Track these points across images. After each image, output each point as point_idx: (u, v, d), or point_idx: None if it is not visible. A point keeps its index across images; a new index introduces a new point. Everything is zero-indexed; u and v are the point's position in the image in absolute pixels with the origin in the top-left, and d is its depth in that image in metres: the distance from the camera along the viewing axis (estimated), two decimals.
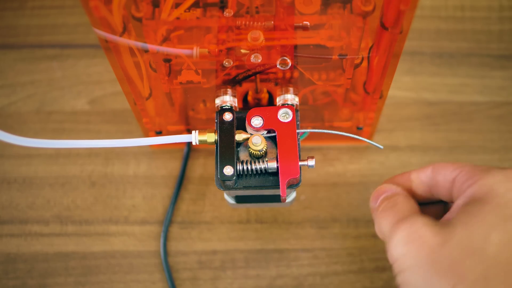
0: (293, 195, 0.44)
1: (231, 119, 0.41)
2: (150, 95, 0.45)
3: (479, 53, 0.57)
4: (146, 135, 0.51)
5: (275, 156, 0.40)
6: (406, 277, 0.33)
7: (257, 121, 0.40)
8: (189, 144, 0.53)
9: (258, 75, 0.43)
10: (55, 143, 0.41)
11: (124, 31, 0.38)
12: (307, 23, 0.40)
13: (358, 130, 0.51)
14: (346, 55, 0.41)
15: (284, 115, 0.40)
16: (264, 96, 0.46)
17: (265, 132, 0.41)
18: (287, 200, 0.43)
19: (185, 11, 0.39)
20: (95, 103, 0.56)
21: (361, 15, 0.38)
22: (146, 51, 0.41)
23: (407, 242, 0.34)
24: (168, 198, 0.52)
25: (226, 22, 0.40)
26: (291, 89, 0.44)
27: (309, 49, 0.42)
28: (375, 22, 0.39)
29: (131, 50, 0.40)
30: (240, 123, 0.41)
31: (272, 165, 0.40)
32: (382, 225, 0.36)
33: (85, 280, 0.49)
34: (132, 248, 0.50)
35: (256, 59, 0.42)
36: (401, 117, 0.55)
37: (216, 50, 0.41)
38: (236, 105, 0.43)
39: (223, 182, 0.40)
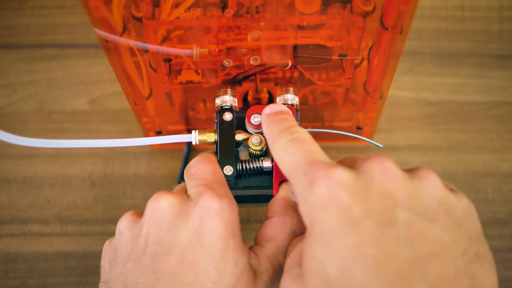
0: None
1: (231, 119, 0.41)
2: (150, 95, 0.45)
3: (479, 53, 0.57)
4: (146, 135, 0.51)
5: None
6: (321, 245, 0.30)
7: (257, 119, 0.40)
8: (189, 144, 0.53)
9: (258, 75, 0.43)
10: (55, 143, 0.41)
11: (124, 31, 0.38)
12: (304, 23, 0.40)
13: (358, 130, 0.51)
14: (346, 55, 0.41)
15: None
16: (264, 96, 0.46)
17: None
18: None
19: (185, 11, 0.39)
20: (95, 103, 0.56)
21: (361, 15, 0.38)
22: (146, 51, 0.41)
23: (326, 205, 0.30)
24: None
25: (226, 22, 0.40)
26: (291, 89, 0.44)
27: (309, 49, 0.42)
28: (375, 22, 0.39)
29: (131, 50, 0.40)
30: (240, 123, 0.41)
31: (267, 164, 0.40)
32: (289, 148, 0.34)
33: (85, 280, 0.49)
34: None
35: (256, 61, 0.42)
36: (401, 117, 0.55)
37: (216, 50, 0.41)
38: (236, 105, 0.43)
39: None
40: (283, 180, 0.39)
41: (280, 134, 0.35)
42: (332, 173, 0.31)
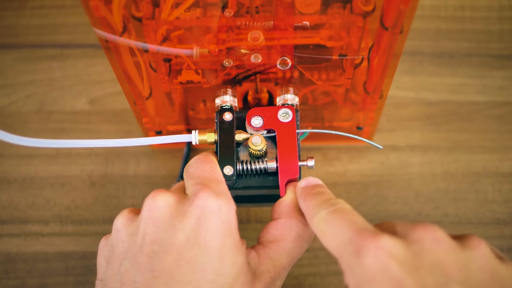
0: None
1: (231, 119, 0.41)
2: (150, 95, 0.45)
3: (479, 53, 0.57)
4: (146, 135, 0.51)
5: (275, 156, 0.40)
6: None
7: (257, 121, 0.40)
8: (189, 144, 0.53)
9: (258, 75, 0.43)
10: (55, 143, 0.41)
11: (124, 31, 0.38)
12: (307, 23, 0.40)
13: (358, 130, 0.51)
14: (346, 55, 0.41)
15: (284, 115, 0.40)
16: (264, 96, 0.46)
17: (265, 132, 0.41)
18: None
19: (185, 11, 0.39)
20: (95, 103, 0.56)
21: (361, 15, 0.38)
22: (146, 51, 0.41)
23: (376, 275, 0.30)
24: None
25: (226, 22, 0.40)
26: (291, 89, 0.44)
27: (309, 49, 0.42)
28: (375, 22, 0.39)
29: (131, 50, 0.40)
30: (240, 123, 0.41)
31: (272, 165, 0.40)
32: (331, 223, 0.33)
33: (85, 280, 0.49)
34: None
35: (256, 59, 0.42)
36: (401, 117, 0.55)
37: (216, 50, 0.41)
38: (236, 105, 0.43)
39: None
40: (289, 180, 0.39)
41: (320, 207, 0.34)
42: (380, 241, 0.30)
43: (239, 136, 0.41)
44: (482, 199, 0.52)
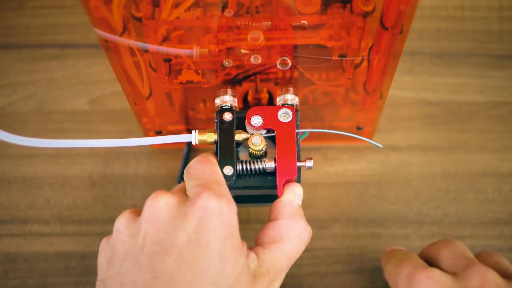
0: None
1: (231, 119, 0.41)
2: (150, 95, 0.45)
3: (479, 53, 0.57)
4: (146, 135, 0.51)
5: (274, 156, 0.40)
6: None
7: (256, 120, 0.40)
8: (189, 144, 0.53)
9: (258, 75, 0.43)
10: (55, 143, 0.41)
11: (124, 31, 0.38)
12: (305, 22, 0.40)
13: (358, 130, 0.51)
14: (346, 55, 0.41)
15: (284, 115, 0.40)
16: (264, 96, 0.46)
17: (264, 131, 0.41)
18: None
19: (185, 11, 0.39)
20: (95, 103, 0.56)
21: (361, 15, 0.38)
22: (146, 51, 0.41)
23: None
24: None
25: (226, 22, 0.40)
26: (291, 89, 0.44)
27: (309, 49, 0.42)
28: (375, 22, 0.39)
29: (131, 50, 0.40)
30: (240, 123, 0.41)
31: (270, 165, 0.40)
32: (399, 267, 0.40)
33: (85, 280, 0.49)
34: None
35: (256, 60, 0.42)
36: (401, 117, 0.55)
37: (216, 50, 0.41)
38: (236, 105, 0.43)
39: None
40: (287, 180, 0.39)
41: (392, 258, 0.42)
42: (431, 273, 0.36)
43: (239, 136, 0.41)
44: (482, 199, 0.52)
